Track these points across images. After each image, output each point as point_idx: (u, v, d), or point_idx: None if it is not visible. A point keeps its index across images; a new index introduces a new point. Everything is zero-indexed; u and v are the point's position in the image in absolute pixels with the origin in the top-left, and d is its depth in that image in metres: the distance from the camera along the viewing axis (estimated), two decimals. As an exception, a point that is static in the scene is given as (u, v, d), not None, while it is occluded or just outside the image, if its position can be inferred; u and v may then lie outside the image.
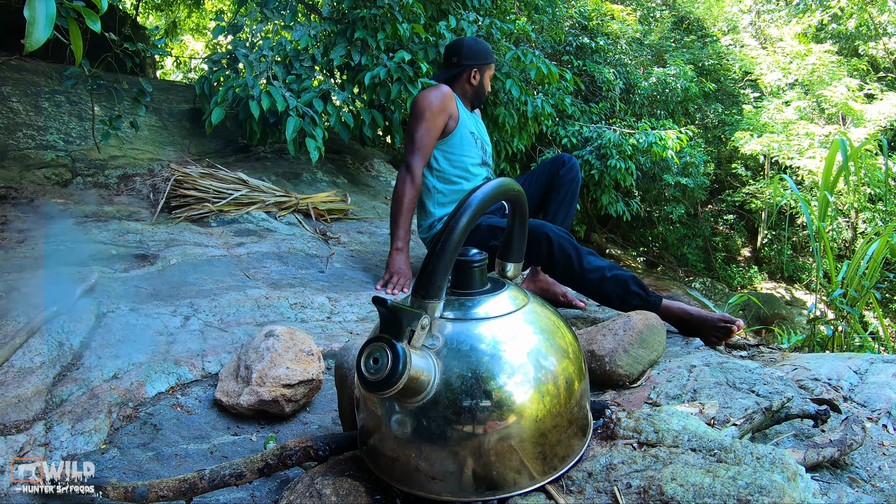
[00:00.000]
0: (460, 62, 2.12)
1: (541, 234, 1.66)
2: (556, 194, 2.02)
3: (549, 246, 1.66)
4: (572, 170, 2.04)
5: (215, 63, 3.23)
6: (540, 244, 1.67)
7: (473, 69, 2.13)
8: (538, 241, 1.67)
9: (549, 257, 1.67)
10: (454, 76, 2.14)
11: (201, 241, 2.24)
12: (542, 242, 1.66)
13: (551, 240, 1.65)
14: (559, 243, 1.65)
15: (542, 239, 1.66)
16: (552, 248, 1.65)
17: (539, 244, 1.67)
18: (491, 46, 4.24)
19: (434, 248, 0.71)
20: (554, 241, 1.65)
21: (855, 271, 2.06)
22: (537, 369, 0.75)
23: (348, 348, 1.02)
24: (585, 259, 1.64)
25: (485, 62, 2.14)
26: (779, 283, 8.60)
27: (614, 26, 7.07)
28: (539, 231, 1.67)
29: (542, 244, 1.66)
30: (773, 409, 0.95)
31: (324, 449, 0.86)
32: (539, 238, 1.66)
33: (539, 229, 1.67)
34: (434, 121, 2.02)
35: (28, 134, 2.96)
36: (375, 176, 4.03)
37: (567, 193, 2.02)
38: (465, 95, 2.16)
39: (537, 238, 1.66)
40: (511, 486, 0.74)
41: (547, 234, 1.66)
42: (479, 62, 2.13)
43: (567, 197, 2.02)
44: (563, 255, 1.64)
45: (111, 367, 1.23)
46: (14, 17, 1.19)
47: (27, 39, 1.04)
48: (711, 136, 8.69)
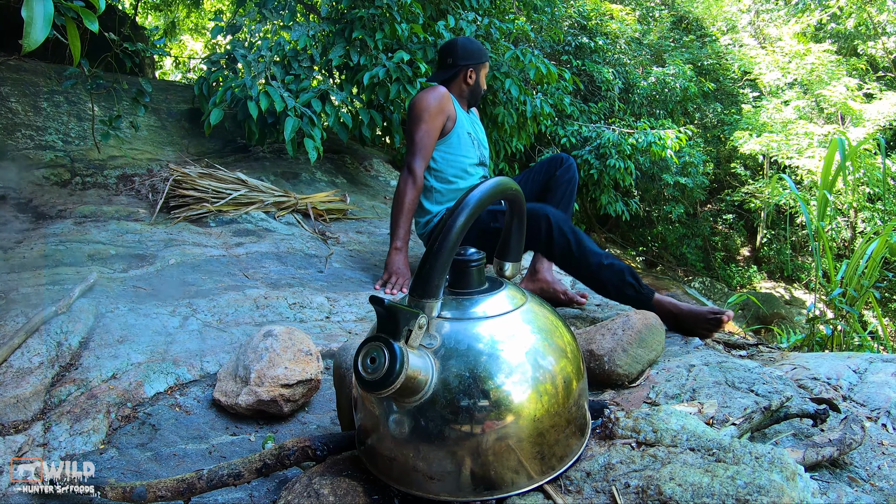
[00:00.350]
0: (456, 63, 2.12)
1: (541, 216, 1.67)
2: (553, 194, 2.03)
3: (548, 228, 1.67)
4: (569, 170, 2.04)
5: (214, 63, 3.22)
6: (539, 226, 1.67)
7: (469, 69, 2.13)
8: (538, 222, 1.67)
9: (548, 240, 1.68)
10: (450, 77, 2.15)
11: (200, 241, 2.23)
12: (541, 224, 1.67)
13: (551, 222, 1.66)
14: (558, 226, 1.66)
15: (542, 220, 1.67)
16: (551, 231, 1.66)
17: (539, 226, 1.68)
18: (489, 46, 4.25)
19: (431, 248, 0.71)
20: (553, 223, 1.66)
21: (854, 270, 2.06)
22: (535, 369, 0.75)
23: (347, 348, 1.02)
24: (584, 244, 1.65)
25: (479, 61, 2.15)
26: (778, 282, 8.60)
27: (613, 26, 7.07)
28: (539, 213, 1.67)
29: (541, 226, 1.67)
30: (773, 409, 0.95)
31: (322, 449, 0.86)
32: (539, 220, 1.67)
33: (539, 211, 1.68)
34: (433, 122, 2.03)
35: (27, 134, 2.96)
36: (374, 176, 4.03)
37: (564, 194, 2.03)
38: (461, 95, 2.17)
39: (537, 220, 1.67)
40: (509, 485, 0.74)
41: (547, 216, 1.67)
42: (474, 61, 2.13)
43: (564, 197, 2.03)
44: (563, 238, 1.66)
45: (110, 368, 1.23)
46: (13, 17, 1.19)
47: (25, 40, 1.04)
48: (710, 136, 8.70)
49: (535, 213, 1.67)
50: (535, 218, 1.67)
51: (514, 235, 0.92)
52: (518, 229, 0.92)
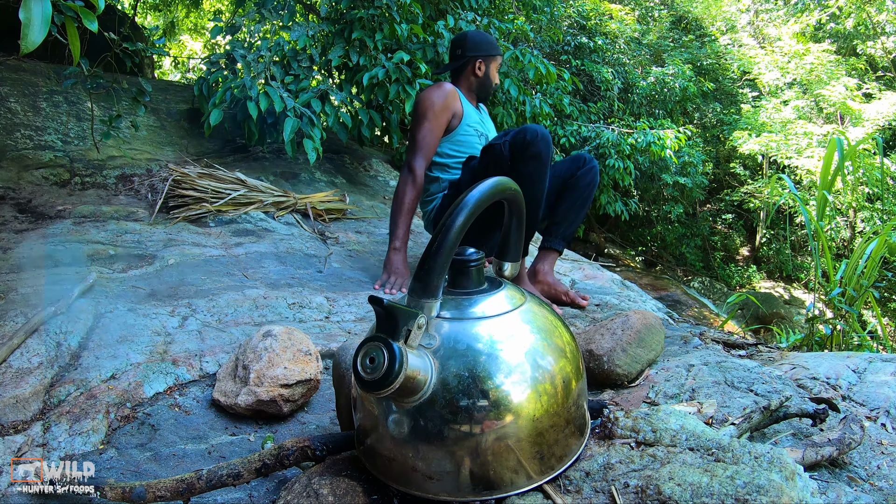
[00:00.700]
0: (464, 54, 2.10)
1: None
2: (570, 195, 1.99)
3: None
4: (590, 172, 2.00)
5: (213, 64, 3.22)
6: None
7: (478, 60, 2.10)
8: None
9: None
10: (459, 68, 2.13)
11: (199, 241, 2.23)
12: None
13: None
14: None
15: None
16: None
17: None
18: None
19: (431, 247, 0.71)
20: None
21: (853, 270, 2.06)
22: (534, 368, 0.75)
23: (346, 348, 1.02)
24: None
25: (489, 53, 2.11)
26: (777, 282, 8.61)
27: (612, 26, 7.07)
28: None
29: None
30: (772, 409, 0.95)
31: (321, 449, 0.86)
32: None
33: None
34: (437, 120, 2.01)
35: (26, 134, 2.96)
36: (374, 176, 4.03)
37: (581, 197, 1.99)
38: (470, 89, 2.14)
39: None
40: (508, 485, 0.74)
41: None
42: (484, 53, 2.10)
43: (580, 200, 1.99)
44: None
45: (109, 368, 1.23)
46: (12, 16, 1.19)
47: (23, 41, 1.04)
48: (710, 136, 8.71)
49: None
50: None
51: (513, 235, 0.92)
52: (517, 229, 0.92)
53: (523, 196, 0.86)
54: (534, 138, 1.73)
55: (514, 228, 0.91)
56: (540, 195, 1.80)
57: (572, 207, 1.99)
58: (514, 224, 0.91)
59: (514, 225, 0.91)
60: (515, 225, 0.91)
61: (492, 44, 2.13)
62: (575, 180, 1.99)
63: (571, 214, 1.99)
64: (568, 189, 2.00)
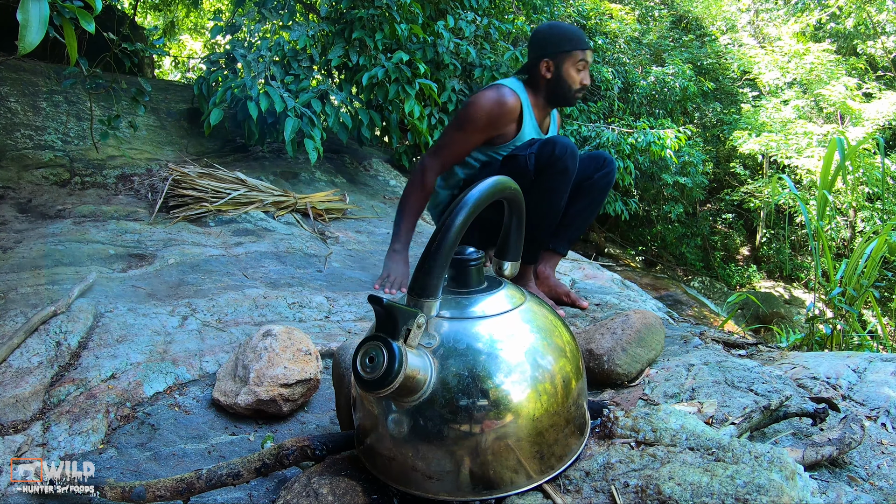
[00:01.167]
0: (530, 55, 1.85)
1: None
2: (584, 199, 1.88)
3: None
4: (608, 175, 1.87)
5: (213, 63, 3.23)
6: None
7: (545, 61, 1.81)
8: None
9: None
10: (527, 71, 1.87)
11: (199, 240, 2.23)
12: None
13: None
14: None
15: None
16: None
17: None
18: (487, 46, 4.20)
19: (430, 247, 0.71)
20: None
21: (853, 270, 2.06)
22: (534, 368, 0.75)
23: (346, 348, 1.01)
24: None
25: (559, 50, 1.79)
26: (777, 281, 8.61)
27: (613, 25, 7.07)
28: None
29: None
30: (772, 408, 0.95)
31: (321, 448, 0.86)
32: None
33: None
34: (473, 136, 1.81)
35: (26, 134, 2.96)
36: (374, 175, 4.03)
37: (594, 200, 1.89)
38: (538, 95, 1.86)
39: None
40: (508, 485, 0.74)
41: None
42: (552, 51, 1.80)
43: (593, 205, 1.90)
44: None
45: (109, 367, 1.23)
46: (11, 16, 1.19)
47: (21, 42, 1.04)
48: (710, 136, 8.71)
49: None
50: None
51: (513, 235, 0.92)
52: (517, 229, 0.91)
53: (542, 207, 0.86)
54: (563, 154, 1.64)
55: (515, 228, 0.91)
56: (559, 208, 1.73)
57: (583, 212, 1.90)
58: (515, 223, 0.91)
59: (515, 224, 0.91)
60: (515, 224, 0.91)
61: (564, 37, 1.80)
62: (591, 183, 1.87)
63: (580, 219, 1.91)
64: (582, 192, 1.87)
